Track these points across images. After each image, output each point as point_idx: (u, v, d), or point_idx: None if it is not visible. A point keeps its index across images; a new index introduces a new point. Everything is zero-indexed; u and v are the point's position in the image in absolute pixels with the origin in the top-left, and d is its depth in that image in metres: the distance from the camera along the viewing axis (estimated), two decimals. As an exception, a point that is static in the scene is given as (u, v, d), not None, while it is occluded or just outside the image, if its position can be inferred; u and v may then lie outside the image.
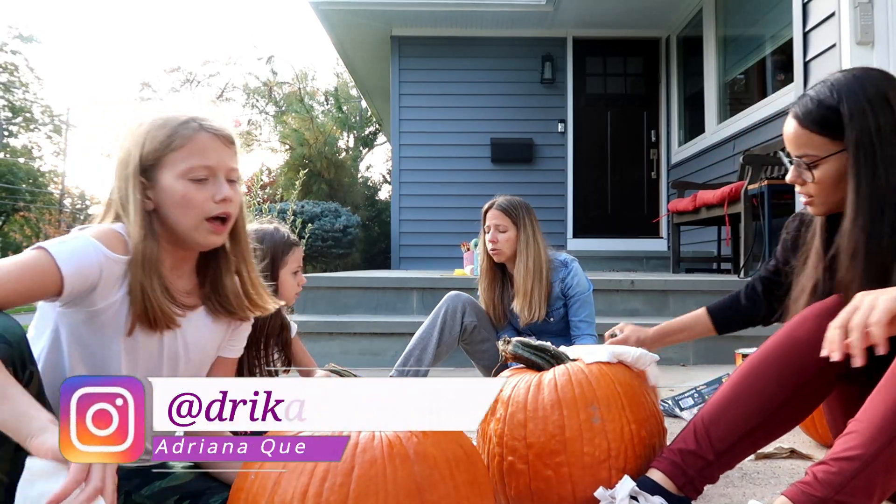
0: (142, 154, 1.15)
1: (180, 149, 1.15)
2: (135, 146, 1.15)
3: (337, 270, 7.46)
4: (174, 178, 1.15)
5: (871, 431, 1.01)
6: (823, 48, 2.85)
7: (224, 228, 1.19)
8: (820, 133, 1.22)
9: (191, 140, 1.15)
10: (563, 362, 1.37)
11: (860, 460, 1.00)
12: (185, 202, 1.15)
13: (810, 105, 1.23)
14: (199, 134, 1.16)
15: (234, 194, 1.19)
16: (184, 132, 1.15)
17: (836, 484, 1.00)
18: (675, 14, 6.37)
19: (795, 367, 1.23)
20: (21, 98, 17.30)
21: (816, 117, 1.22)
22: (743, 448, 1.24)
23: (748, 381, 1.25)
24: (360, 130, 18.28)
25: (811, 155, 1.24)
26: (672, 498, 1.20)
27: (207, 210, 1.15)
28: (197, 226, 1.16)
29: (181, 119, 1.17)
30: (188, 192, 1.15)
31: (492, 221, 2.56)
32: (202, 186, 1.16)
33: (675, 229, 4.80)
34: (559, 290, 2.55)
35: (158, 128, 1.16)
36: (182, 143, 1.15)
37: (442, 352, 2.56)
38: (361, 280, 3.98)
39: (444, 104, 6.78)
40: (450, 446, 1.01)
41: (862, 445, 1.00)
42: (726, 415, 1.24)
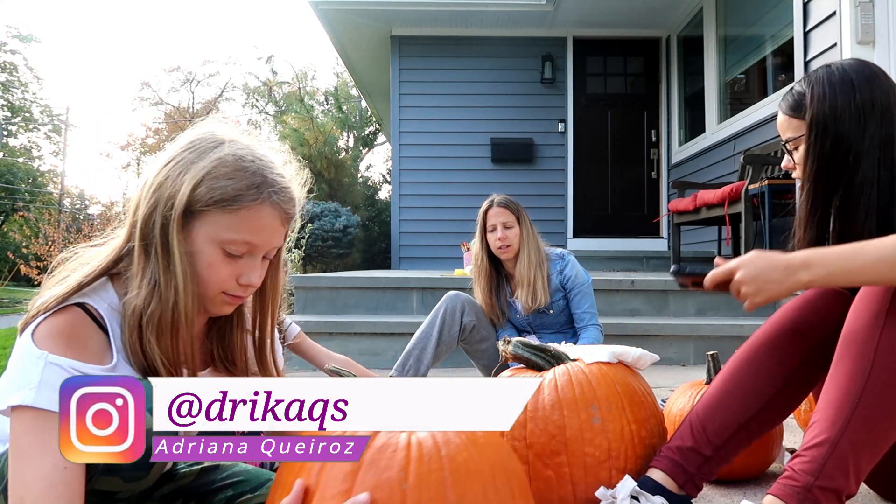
0: (192, 196, 0.94)
1: (234, 213, 0.95)
2: (189, 181, 0.94)
3: (337, 270, 7.46)
4: (207, 239, 0.96)
5: (830, 415, 1.07)
6: (824, 48, 2.85)
7: (240, 301, 1.04)
8: (792, 116, 1.32)
9: (252, 210, 0.96)
10: (563, 362, 1.37)
11: (827, 443, 1.05)
12: (207, 272, 0.97)
13: (789, 93, 1.35)
14: (263, 206, 0.97)
15: (262, 275, 1.02)
16: (250, 196, 0.95)
17: (812, 471, 1.04)
18: (675, 14, 6.36)
19: (783, 357, 1.27)
20: (20, 98, 17.30)
21: (790, 102, 1.33)
22: (739, 440, 1.26)
23: (739, 375, 1.28)
24: (360, 130, 18.28)
25: (790, 137, 1.33)
26: (673, 497, 1.20)
27: (226, 288, 0.99)
28: (212, 297, 1.00)
29: (254, 176, 0.96)
30: (215, 262, 0.97)
31: (497, 220, 2.57)
32: (233, 262, 0.98)
33: (675, 229, 4.80)
34: (558, 282, 2.59)
35: (225, 174, 0.95)
36: (239, 209, 0.95)
37: (441, 351, 2.56)
38: (361, 280, 3.97)
39: (444, 104, 6.78)
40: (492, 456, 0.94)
41: (826, 430, 1.06)
42: (720, 408, 1.26)
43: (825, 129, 1.24)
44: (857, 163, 1.22)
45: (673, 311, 3.76)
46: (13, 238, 19.24)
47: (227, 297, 1.00)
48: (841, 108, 1.23)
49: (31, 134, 19.12)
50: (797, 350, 1.27)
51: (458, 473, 0.86)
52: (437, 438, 0.90)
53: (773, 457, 1.61)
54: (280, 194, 0.98)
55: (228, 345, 1.10)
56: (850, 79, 1.25)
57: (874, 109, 1.22)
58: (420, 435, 0.90)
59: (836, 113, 1.24)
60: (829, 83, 1.26)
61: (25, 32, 16.78)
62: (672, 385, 2.69)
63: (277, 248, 1.04)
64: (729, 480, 1.56)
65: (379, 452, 0.87)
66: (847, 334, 1.12)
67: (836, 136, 1.23)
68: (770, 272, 1.11)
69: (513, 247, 2.57)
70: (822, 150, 1.25)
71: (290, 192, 1.01)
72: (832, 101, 1.24)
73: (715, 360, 1.68)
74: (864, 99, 1.23)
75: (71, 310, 0.94)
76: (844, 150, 1.23)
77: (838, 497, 1.04)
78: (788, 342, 1.28)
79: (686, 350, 3.42)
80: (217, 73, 30.37)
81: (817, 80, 1.28)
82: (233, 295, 1.00)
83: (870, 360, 1.07)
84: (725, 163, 5.27)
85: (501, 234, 2.55)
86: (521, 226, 2.59)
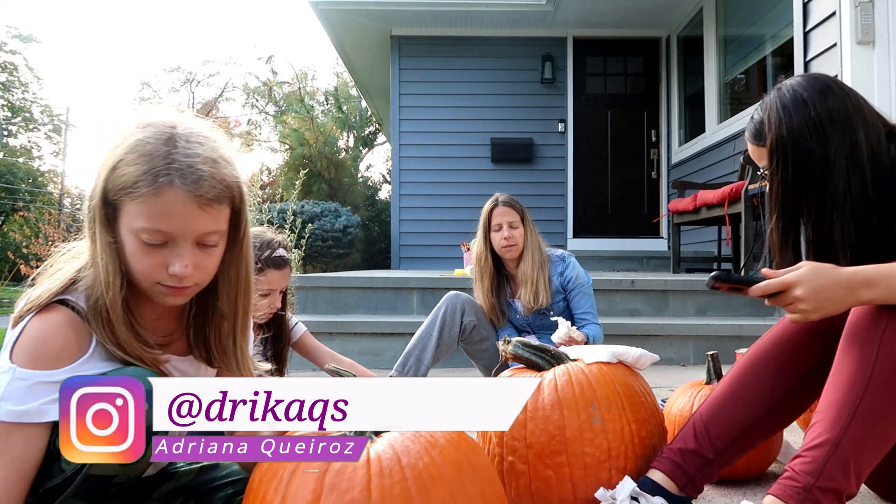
0: (105, 186, 0.94)
1: (140, 200, 0.91)
2: (102, 171, 0.94)
3: (337, 270, 7.46)
4: (126, 229, 0.94)
5: (832, 415, 1.06)
6: (824, 48, 2.85)
7: (184, 292, 0.99)
8: (757, 145, 1.30)
9: (155, 196, 0.91)
10: (564, 362, 1.37)
11: (829, 444, 1.04)
12: (132, 263, 0.96)
13: (751, 123, 1.32)
14: (167, 191, 0.91)
15: (202, 262, 0.97)
16: (147, 181, 0.91)
17: (813, 472, 1.04)
18: (675, 14, 6.36)
19: (793, 363, 1.26)
20: (20, 98, 17.29)
21: (753, 131, 1.31)
22: (742, 445, 1.26)
23: (745, 379, 1.27)
24: (360, 130, 18.28)
25: (764, 165, 1.31)
26: (673, 498, 1.20)
27: (157, 278, 0.96)
28: (150, 288, 0.97)
29: (155, 160, 0.92)
30: (136, 253, 0.95)
31: (503, 219, 2.57)
32: (154, 252, 0.94)
33: (675, 229, 4.80)
34: (558, 284, 2.59)
35: (131, 160, 0.92)
36: (143, 196, 0.91)
37: (442, 351, 2.56)
38: (361, 280, 3.97)
39: (444, 104, 6.78)
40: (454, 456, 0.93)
41: (827, 430, 1.05)
42: (725, 412, 1.25)
43: (785, 154, 1.22)
44: (826, 178, 1.19)
45: (673, 311, 3.76)
46: (13, 238, 19.23)
47: (164, 287, 0.96)
48: (798, 129, 1.21)
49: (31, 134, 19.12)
50: (807, 356, 1.25)
51: (422, 481, 0.85)
52: (395, 448, 0.88)
53: (773, 457, 1.61)
54: (185, 177, 0.92)
55: (202, 332, 1.08)
56: (802, 97, 1.23)
57: (833, 121, 1.20)
58: (378, 448, 0.89)
59: (793, 134, 1.21)
60: (781, 106, 1.24)
61: (25, 32, 16.78)
62: (672, 385, 2.69)
63: (217, 233, 0.98)
64: (729, 480, 1.56)
65: (338, 475, 0.85)
66: (849, 335, 1.12)
67: (797, 157, 1.21)
68: (831, 290, 1.07)
69: (517, 246, 2.57)
70: (785, 175, 1.23)
71: (199, 173, 0.93)
72: (788, 123, 1.22)
73: (715, 360, 1.67)
74: (819, 113, 1.21)
75: (54, 309, 0.96)
76: (809, 169, 1.21)
77: (839, 497, 1.04)
78: (798, 348, 1.26)
79: (686, 350, 3.42)
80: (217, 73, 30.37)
81: (770, 106, 1.26)
82: (169, 286, 0.96)
83: (872, 362, 1.06)
84: (725, 163, 5.27)
85: (507, 233, 2.55)
86: (525, 226, 2.60)
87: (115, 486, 0.97)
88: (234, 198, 0.99)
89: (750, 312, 3.66)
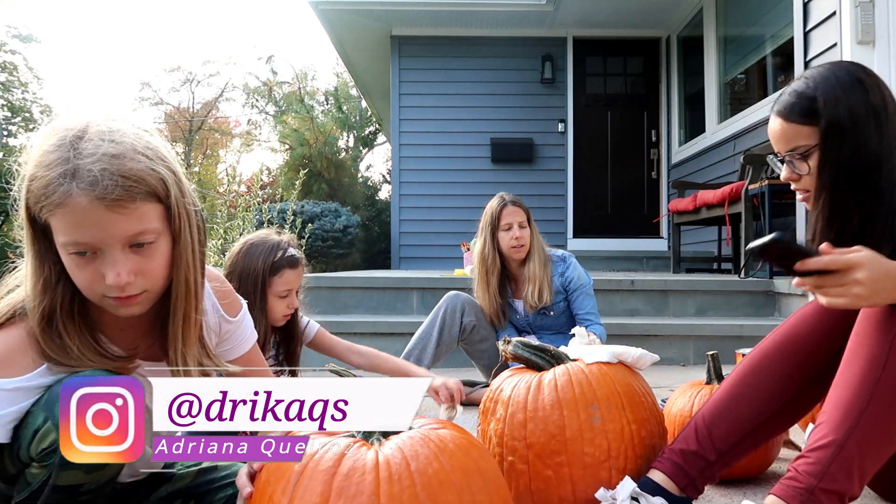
0: (28, 203, 0.89)
1: (53, 212, 0.86)
2: (22, 186, 0.90)
3: (337, 270, 7.46)
4: (59, 246, 0.90)
5: (838, 417, 1.04)
6: (824, 48, 2.85)
7: (131, 301, 0.93)
8: (805, 123, 1.22)
9: (63, 205, 0.85)
10: (563, 362, 1.36)
11: (833, 446, 1.03)
12: (73, 277, 0.91)
13: (791, 99, 1.24)
14: (72, 198, 0.85)
15: (143, 266, 0.91)
16: (52, 191, 0.85)
17: (816, 473, 1.03)
18: (675, 14, 6.36)
19: (798, 365, 1.24)
20: (20, 98, 17.28)
21: (798, 109, 1.22)
22: (745, 447, 1.24)
23: (749, 380, 1.25)
24: (360, 130, 18.28)
25: (803, 146, 1.23)
26: (673, 499, 1.20)
27: (100, 291, 0.91)
28: (100, 302, 0.93)
29: (58, 167, 0.86)
30: (70, 267, 0.90)
31: (513, 219, 2.57)
32: (87, 263, 0.89)
33: (675, 229, 4.80)
34: (559, 284, 2.59)
35: (40, 173, 0.87)
36: (54, 207, 0.86)
37: (441, 351, 2.56)
38: (361, 280, 3.97)
39: (444, 104, 6.78)
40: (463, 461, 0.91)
41: (833, 431, 1.04)
42: (728, 414, 1.24)
43: (843, 136, 1.16)
44: (878, 167, 1.16)
45: (673, 311, 3.76)
46: (14, 238, 19.22)
47: (111, 300, 0.91)
48: (857, 112, 1.16)
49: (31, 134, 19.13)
50: (812, 358, 1.23)
51: (431, 486, 0.85)
52: (405, 453, 0.88)
53: (773, 457, 1.61)
54: (82, 179, 0.84)
55: (163, 336, 1.02)
56: (860, 80, 1.18)
57: (886, 109, 1.17)
58: (386, 452, 0.88)
59: (853, 116, 1.16)
60: (839, 85, 1.18)
61: (25, 32, 16.75)
62: (672, 385, 2.69)
63: (148, 232, 0.90)
64: (729, 480, 1.56)
65: (346, 479, 0.84)
66: (857, 336, 1.10)
67: (855, 141, 1.16)
68: (886, 280, 1.02)
69: (526, 246, 2.58)
70: (841, 158, 1.17)
71: (95, 173, 0.85)
72: (848, 104, 1.16)
73: (715, 360, 1.67)
74: (877, 100, 1.16)
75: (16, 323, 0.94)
76: (864, 156, 1.16)
77: (841, 499, 1.03)
78: (803, 350, 1.24)
79: (686, 350, 3.42)
80: (217, 73, 30.38)
81: (825, 84, 1.20)
82: (114, 297, 0.91)
83: (881, 364, 1.05)
84: (725, 163, 5.27)
85: (518, 233, 2.55)
86: (531, 225, 2.61)
87: (85, 493, 0.94)
88: (156, 191, 0.91)
89: (750, 312, 3.66)
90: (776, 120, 1.26)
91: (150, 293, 0.95)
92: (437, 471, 0.87)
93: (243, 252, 1.83)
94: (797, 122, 1.22)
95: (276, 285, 1.83)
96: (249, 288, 1.79)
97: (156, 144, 0.94)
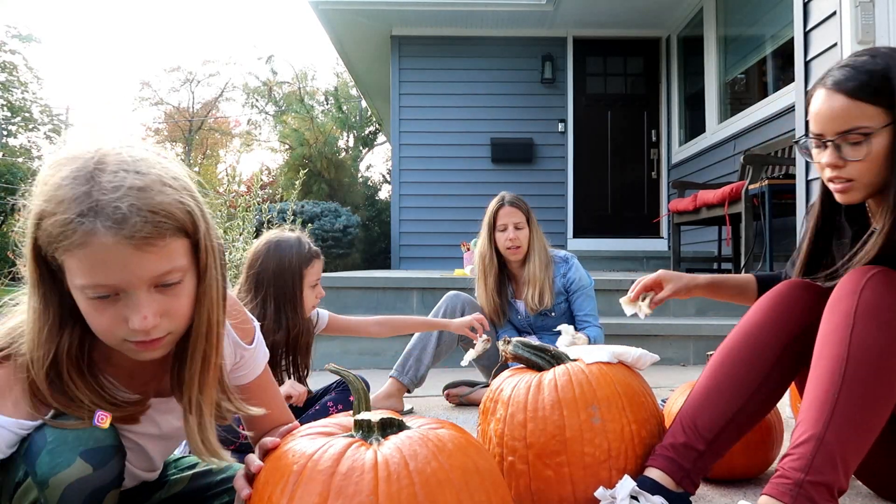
0: (36, 241, 0.82)
1: (71, 252, 0.79)
2: (31, 220, 0.82)
3: (337, 270, 7.46)
4: (73, 287, 0.83)
5: (813, 413, 1.09)
6: (824, 48, 2.84)
7: (156, 345, 0.87)
8: (871, 102, 1.11)
9: (82, 246, 0.78)
10: (564, 362, 1.36)
11: (814, 440, 1.07)
12: (90, 321, 0.84)
13: (855, 73, 1.13)
14: (95, 237, 0.77)
15: (169, 306, 0.85)
16: (75, 230, 0.77)
17: (801, 467, 1.06)
18: (675, 13, 6.36)
19: (760, 350, 1.29)
20: (20, 98, 17.28)
21: (865, 85, 1.11)
22: (730, 434, 1.27)
23: (723, 369, 1.30)
24: (360, 130, 18.27)
25: (864, 127, 1.12)
26: (672, 495, 1.20)
27: (121, 334, 0.84)
28: (118, 346, 0.86)
29: (78, 204, 0.78)
30: (87, 311, 0.83)
31: (509, 220, 2.56)
32: (107, 306, 0.82)
33: (675, 229, 4.79)
34: (561, 286, 2.59)
35: (55, 208, 0.79)
36: (72, 247, 0.78)
37: (441, 351, 2.56)
38: (361, 280, 3.97)
39: (444, 104, 6.78)
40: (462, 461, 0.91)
41: (811, 427, 1.08)
42: (708, 403, 1.28)
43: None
44: None
45: (673, 311, 3.76)
46: (13, 238, 19.23)
47: (132, 344, 0.84)
48: None
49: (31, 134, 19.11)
50: (776, 341, 1.29)
51: (429, 486, 0.85)
52: (403, 452, 0.88)
53: (773, 457, 1.60)
54: (108, 217, 0.77)
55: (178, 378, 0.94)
56: None
57: None
58: (385, 451, 0.88)
59: None
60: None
61: (25, 32, 16.76)
62: (672, 385, 2.69)
63: (175, 271, 0.84)
64: (729, 480, 1.56)
65: (345, 478, 0.84)
66: (822, 336, 1.16)
67: None
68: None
69: (522, 248, 2.57)
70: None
71: (124, 209, 0.78)
72: None
73: (715, 360, 1.67)
74: None
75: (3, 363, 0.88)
76: None
77: (830, 491, 1.05)
78: (767, 334, 1.29)
79: (686, 350, 3.42)
80: (217, 73, 30.40)
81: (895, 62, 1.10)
82: (137, 342, 0.84)
83: (844, 359, 1.10)
84: (725, 163, 5.27)
85: (513, 234, 2.55)
86: (531, 226, 2.59)
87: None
88: (185, 226, 0.84)
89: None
90: (835, 96, 1.14)
91: (174, 335, 0.89)
92: (435, 470, 0.86)
93: (272, 251, 1.88)
94: (862, 100, 1.11)
95: (309, 276, 1.91)
96: (288, 283, 1.87)
97: (179, 173, 0.87)
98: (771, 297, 1.33)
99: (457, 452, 0.91)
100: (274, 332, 1.84)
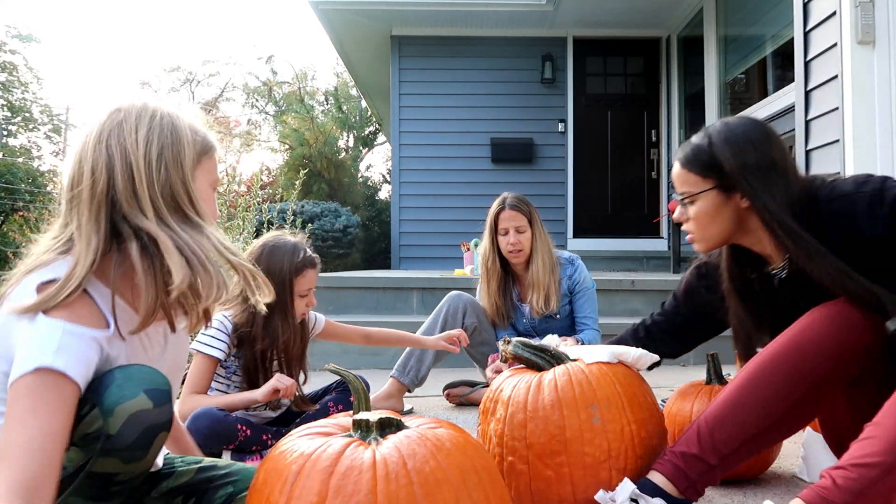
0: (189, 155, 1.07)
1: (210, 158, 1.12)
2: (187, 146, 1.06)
3: (337, 270, 7.45)
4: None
5: (892, 438, 0.98)
6: (824, 48, 2.84)
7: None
8: (692, 171, 1.36)
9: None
10: (564, 362, 1.36)
11: (881, 468, 0.98)
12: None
13: (687, 148, 1.38)
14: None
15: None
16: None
17: (855, 490, 0.98)
18: (675, 14, 6.36)
19: (805, 372, 1.20)
20: (20, 98, 17.28)
21: (690, 157, 1.37)
22: (746, 452, 1.23)
23: (753, 385, 1.23)
24: (360, 130, 18.27)
25: (686, 192, 1.38)
26: (672, 500, 1.19)
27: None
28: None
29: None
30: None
31: (510, 223, 2.50)
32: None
33: (675, 229, 4.80)
34: (566, 287, 2.56)
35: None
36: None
37: (442, 352, 2.55)
38: (361, 280, 3.97)
39: (444, 104, 6.78)
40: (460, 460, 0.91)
41: (883, 452, 0.98)
42: (731, 419, 1.22)
43: (762, 180, 1.29)
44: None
45: (673, 311, 3.75)
46: (13, 238, 19.22)
47: None
48: (750, 164, 1.30)
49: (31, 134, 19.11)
50: (819, 366, 1.20)
51: (428, 485, 0.85)
52: (402, 452, 0.88)
53: (774, 457, 1.61)
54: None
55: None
56: (749, 136, 1.32)
57: (785, 161, 1.31)
58: (384, 451, 0.88)
59: (751, 168, 1.30)
60: (738, 141, 1.32)
61: (25, 32, 16.75)
62: (672, 385, 2.69)
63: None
64: (729, 480, 1.56)
65: (343, 478, 0.84)
66: None
67: (766, 188, 1.29)
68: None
69: (524, 251, 2.51)
70: (772, 199, 1.28)
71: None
72: (742, 158, 1.30)
73: (715, 361, 1.67)
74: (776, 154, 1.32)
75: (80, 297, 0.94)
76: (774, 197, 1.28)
77: None
78: (811, 357, 1.20)
79: (686, 350, 3.41)
80: (217, 73, 30.33)
81: (718, 136, 1.34)
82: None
83: None
84: (725, 163, 5.25)
85: (514, 238, 2.49)
86: (534, 228, 2.52)
87: (118, 483, 0.96)
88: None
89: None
90: (676, 165, 1.41)
91: None
92: (433, 469, 0.87)
93: (266, 255, 1.86)
94: (687, 169, 1.37)
95: (300, 285, 1.88)
96: (276, 291, 1.82)
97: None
98: (828, 313, 1.23)
99: (455, 452, 0.91)
100: (262, 339, 1.83)
